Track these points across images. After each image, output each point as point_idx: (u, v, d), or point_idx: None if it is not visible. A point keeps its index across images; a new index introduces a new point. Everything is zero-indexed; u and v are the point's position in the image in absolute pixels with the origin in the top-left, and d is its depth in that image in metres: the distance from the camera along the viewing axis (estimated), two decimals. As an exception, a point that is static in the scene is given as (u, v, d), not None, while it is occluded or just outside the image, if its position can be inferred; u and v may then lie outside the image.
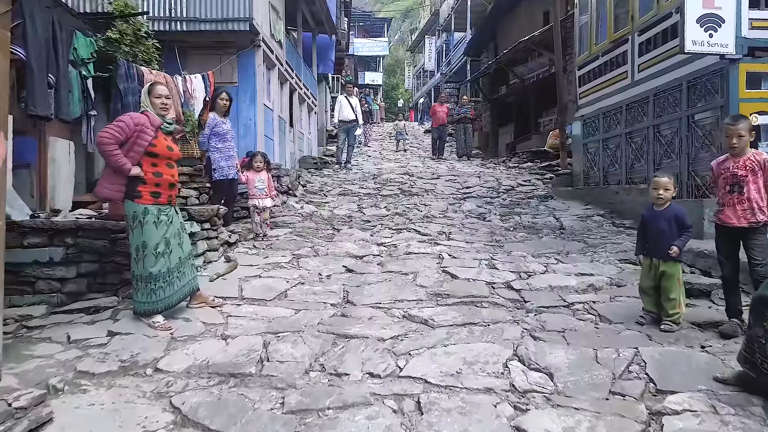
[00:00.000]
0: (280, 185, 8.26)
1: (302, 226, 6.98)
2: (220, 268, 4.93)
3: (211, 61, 8.48)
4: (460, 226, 6.65)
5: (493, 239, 6.02)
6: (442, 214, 7.48)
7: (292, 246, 5.92)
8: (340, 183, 10.01)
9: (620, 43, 7.18)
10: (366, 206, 8.15)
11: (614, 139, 7.44)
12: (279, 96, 10.54)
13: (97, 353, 3.16)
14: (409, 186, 9.61)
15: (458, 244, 5.70)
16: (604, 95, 7.72)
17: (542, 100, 15.87)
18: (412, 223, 6.89)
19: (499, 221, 6.97)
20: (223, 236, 5.60)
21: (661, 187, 3.36)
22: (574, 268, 4.76)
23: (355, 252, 5.54)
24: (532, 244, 5.79)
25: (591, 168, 8.24)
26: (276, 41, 9.82)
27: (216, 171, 5.71)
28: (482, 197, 8.82)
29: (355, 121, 11.81)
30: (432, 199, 8.68)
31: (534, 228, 6.53)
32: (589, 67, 8.21)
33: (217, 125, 5.68)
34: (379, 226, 6.85)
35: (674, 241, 3.31)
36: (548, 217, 7.04)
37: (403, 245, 5.71)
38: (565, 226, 6.42)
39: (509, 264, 4.90)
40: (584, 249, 5.48)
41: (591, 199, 7.63)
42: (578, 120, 8.66)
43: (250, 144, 8.58)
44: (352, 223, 7.07)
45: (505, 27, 18.24)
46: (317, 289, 4.37)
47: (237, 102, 8.41)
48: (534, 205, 8.00)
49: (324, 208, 8.06)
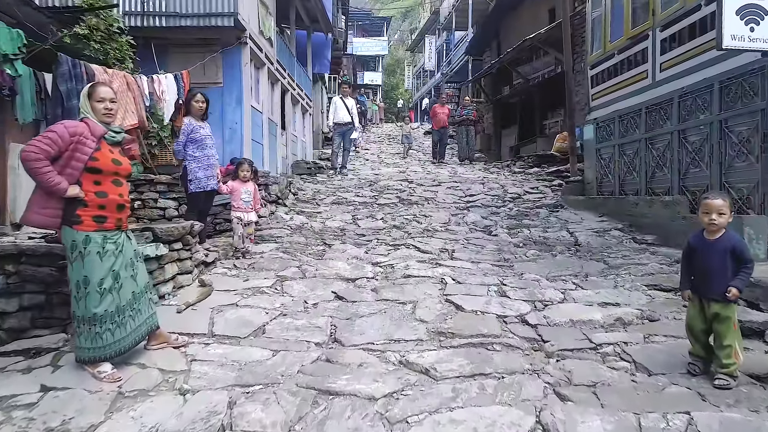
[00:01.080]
0: (268, 194, 7.69)
1: (290, 240, 6.41)
2: (192, 295, 4.36)
3: (193, 59, 7.92)
4: (464, 242, 6.07)
5: (502, 258, 5.45)
6: (443, 227, 6.90)
7: (277, 265, 5.35)
8: (334, 190, 9.43)
9: (639, 39, 6.61)
10: (361, 217, 7.58)
11: (632, 145, 6.87)
12: (269, 97, 9.97)
13: (21, 418, 2.58)
14: (408, 194, 9.03)
15: (463, 265, 5.12)
16: (620, 97, 7.15)
17: (548, 101, 15.32)
18: (411, 238, 6.31)
19: (507, 236, 6.39)
20: (198, 256, 5.02)
21: (714, 210, 2.77)
22: (597, 296, 4.19)
23: (346, 274, 4.97)
24: (546, 263, 5.21)
25: (605, 175, 7.67)
26: (265, 38, 9.25)
27: (192, 182, 5.13)
28: (487, 207, 8.24)
29: (351, 123, 11.25)
30: (433, 208, 8.11)
31: (546, 244, 5.95)
32: (603, 66, 7.64)
33: (194, 131, 5.11)
34: (374, 242, 6.28)
35: (730, 279, 2.73)
36: (561, 230, 6.46)
37: (401, 265, 5.14)
38: (580, 242, 5.85)
39: (522, 290, 4.32)
40: (605, 271, 4.91)
41: (606, 210, 7.05)
42: (590, 123, 8.09)
43: (236, 149, 8.00)
44: (345, 238, 6.49)
45: (509, 25, 17.68)
46: (300, 323, 3.79)
47: (222, 104, 7.86)
48: (543, 216, 7.42)
49: (315, 219, 7.49)
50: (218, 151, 7.95)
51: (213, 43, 7.90)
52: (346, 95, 11.45)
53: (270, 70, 9.68)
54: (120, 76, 5.33)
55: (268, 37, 9.34)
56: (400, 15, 57.51)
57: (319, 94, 17.76)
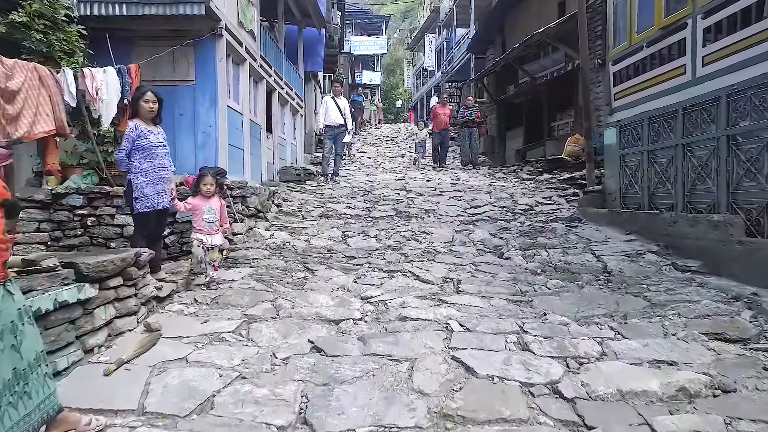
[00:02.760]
0: (246, 207, 6.81)
1: (267, 264, 5.53)
2: (131, 347, 3.48)
3: (162, 53, 7.05)
4: (471, 268, 5.19)
5: (518, 290, 4.56)
6: (447, 247, 6.02)
7: (247, 299, 4.48)
8: (323, 201, 8.55)
9: (675, 29, 5.75)
10: (352, 234, 6.69)
11: (665, 152, 5.99)
12: (251, 96, 9.09)
13: None
14: (406, 205, 8.15)
15: (471, 301, 4.24)
16: (649, 96, 6.28)
17: (556, 101, 14.48)
18: (409, 262, 5.44)
19: (522, 259, 5.51)
20: (147, 291, 4.14)
21: None
22: (645, 350, 3.30)
23: (329, 313, 4.09)
24: (572, 298, 4.34)
25: (630, 186, 6.79)
26: (246, 31, 8.37)
27: (138, 200, 4.25)
28: (495, 220, 7.37)
29: (343, 125, 10.38)
30: (434, 223, 7.23)
31: (569, 271, 5.07)
32: (628, 61, 6.77)
33: (141, 136, 4.22)
34: (366, 266, 5.40)
35: None
36: (584, 252, 5.58)
37: (396, 302, 4.26)
38: (611, 270, 4.97)
39: (548, 341, 3.44)
40: (648, 310, 4.02)
41: (635, 226, 6.18)
42: (612, 126, 7.22)
43: (210, 156, 7.12)
44: (331, 261, 5.62)
45: (514, 20, 16.84)
46: (262, 392, 2.90)
47: (194, 104, 7.00)
48: (561, 232, 6.54)
49: (300, 237, 6.61)
50: (190, 157, 7.12)
51: (184, 35, 7.03)
52: (339, 95, 10.58)
53: (252, 66, 8.81)
54: (28, 68, 4.37)
55: (249, 30, 8.46)
56: (399, 15, 56.79)
57: (312, 94, 16.89)
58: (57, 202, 5.71)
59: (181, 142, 7.13)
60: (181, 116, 7.13)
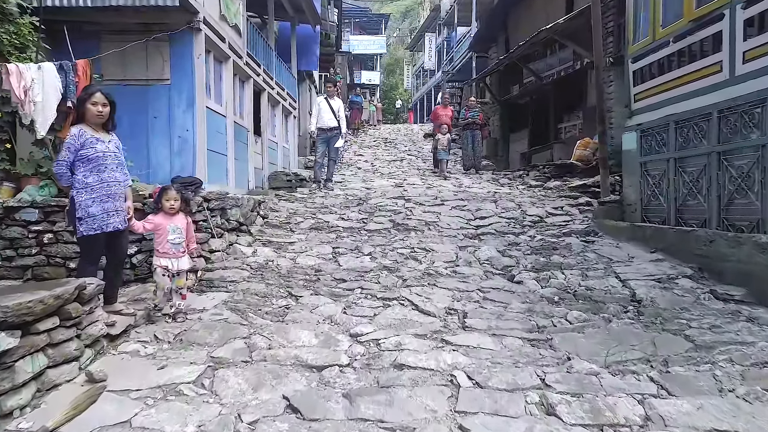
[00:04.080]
0: (227, 221, 6.17)
1: (246, 288, 4.90)
2: (64, 406, 2.85)
3: (134, 50, 6.44)
4: (478, 296, 4.55)
5: (534, 325, 3.93)
6: (449, 268, 5.39)
7: (217, 335, 3.85)
8: (314, 211, 7.91)
9: (708, 21, 5.12)
10: (344, 251, 6.06)
11: (696, 160, 5.36)
12: (237, 97, 8.46)
13: None
14: (404, 216, 7.51)
15: (481, 342, 3.60)
16: (677, 97, 5.65)
17: (564, 101, 13.87)
18: (407, 287, 4.80)
19: (535, 283, 4.88)
20: (94, 329, 3.50)
21: None
22: (700, 415, 2.67)
23: (311, 356, 3.45)
24: (599, 337, 3.70)
25: (653, 197, 6.16)
26: (230, 26, 7.75)
27: (83, 221, 3.60)
28: (503, 234, 6.73)
29: (337, 128, 9.74)
30: (435, 237, 6.59)
31: (591, 299, 4.43)
32: (651, 58, 6.14)
33: (86, 145, 3.57)
34: (357, 291, 4.76)
35: None
36: (607, 275, 4.94)
37: (392, 342, 3.62)
38: (640, 298, 4.33)
39: (577, 400, 2.81)
40: (692, 354, 3.39)
41: (661, 244, 5.55)
42: (632, 130, 6.59)
43: (187, 163, 6.50)
44: (319, 285, 4.98)
45: (518, 17, 16.22)
46: (215, 480, 2.27)
47: (169, 106, 6.38)
48: (577, 249, 5.91)
49: (285, 254, 5.97)
50: (165, 165, 6.49)
51: (158, 29, 6.40)
52: (332, 95, 9.94)
53: (237, 64, 8.17)
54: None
55: (233, 25, 7.83)
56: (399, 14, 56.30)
57: (306, 94, 16.27)
58: (9, 216, 5.08)
59: (155, 148, 6.52)
60: (155, 119, 6.51)
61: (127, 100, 6.45)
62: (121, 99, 6.53)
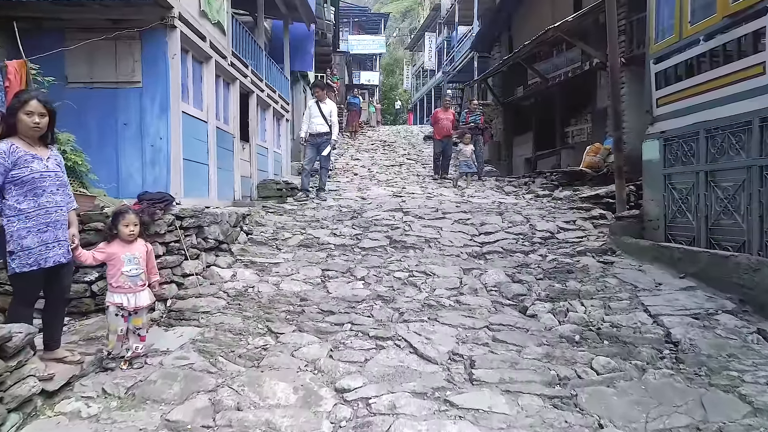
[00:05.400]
0: (203, 240, 5.57)
1: (219, 322, 4.31)
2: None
3: (104, 48, 5.85)
4: (487, 335, 3.95)
5: (555, 376, 3.32)
6: (453, 297, 4.79)
7: (178, 388, 3.26)
8: (304, 225, 7.30)
9: (747, 17, 4.54)
10: (334, 274, 5.46)
11: (732, 174, 4.77)
12: (221, 101, 7.86)
13: None
14: (402, 232, 6.90)
15: (492, 403, 2.99)
16: (709, 102, 5.07)
17: (571, 104, 13.29)
18: (404, 322, 4.20)
19: (552, 317, 4.28)
20: (22, 389, 2.89)
21: None
22: None
23: (286, 422, 2.86)
24: (634, 393, 3.10)
25: (680, 213, 5.57)
26: (212, 23, 7.15)
27: (15, 256, 2.99)
28: (511, 254, 6.13)
29: (328, 134, 9.08)
30: (436, 257, 5.99)
31: (619, 339, 3.83)
32: (678, 58, 5.56)
33: (19, 164, 2.97)
34: (348, 328, 4.17)
35: None
36: (633, 308, 4.34)
37: (384, 404, 3.02)
38: (677, 340, 3.73)
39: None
40: (752, 421, 2.78)
41: (692, 268, 4.95)
42: (654, 138, 6.00)
43: (161, 175, 5.91)
44: (303, 318, 4.38)
45: (523, 15, 15.64)
46: None
47: (140, 112, 5.80)
48: (595, 273, 5.31)
49: (269, 278, 5.37)
50: (137, 177, 5.89)
51: (128, 26, 5.80)
52: (323, 99, 9.28)
53: (220, 65, 7.57)
54: None
55: (216, 22, 7.24)
56: (399, 14, 55.77)
57: (301, 95, 15.66)
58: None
59: (125, 159, 5.92)
60: (125, 126, 5.91)
61: (94, 105, 5.91)
62: (87, 104, 6.02)
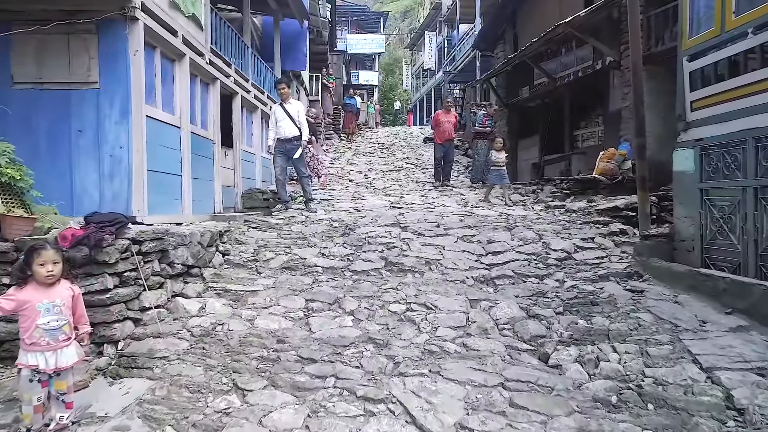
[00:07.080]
0: (169, 265, 4.84)
1: (177, 373, 3.58)
2: None
3: (55, 43, 5.13)
4: (502, 397, 3.21)
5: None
6: (459, 340, 4.05)
7: (105, 479, 2.52)
8: (290, 243, 6.56)
9: (813, 4, 3.81)
10: (319, 307, 4.73)
11: (791, 192, 4.04)
12: (196, 103, 7.14)
13: None
14: (399, 251, 6.17)
15: None
16: (759, 106, 4.35)
17: (581, 105, 12.58)
18: (400, 376, 3.47)
19: (580, 369, 3.55)
20: None
21: None
22: None
23: None
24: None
25: (720, 235, 4.85)
26: (186, 16, 6.42)
27: None
28: (524, 278, 5.40)
29: (298, 138, 8.23)
30: (438, 284, 5.25)
31: (666, 403, 3.10)
32: (719, 54, 4.84)
33: None
34: (331, 383, 3.43)
35: None
36: (679, 357, 3.60)
37: None
38: (740, 406, 3.00)
39: None
40: None
41: (741, 302, 4.22)
42: (687, 146, 5.28)
43: (121, 190, 5.18)
44: (277, 368, 3.65)
45: (528, 12, 14.92)
46: None
47: (97, 117, 5.09)
48: (624, 305, 4.57)
49: (242, 311, 4.63)
50: (93, 192, 5.16)
51: (84, 17, 5.08)
52: (287, 99, 8.44)
53: (197, 63, 6.85)
54: None
55: (190, 15, 6.51)
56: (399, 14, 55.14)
57: (294, 96, 14.91)
58: None
59: (80, 171, 5.20)
60: (79, 133, 5.18)
61: (44, 109, 5.20)
62: (36, 107, 5.25)
